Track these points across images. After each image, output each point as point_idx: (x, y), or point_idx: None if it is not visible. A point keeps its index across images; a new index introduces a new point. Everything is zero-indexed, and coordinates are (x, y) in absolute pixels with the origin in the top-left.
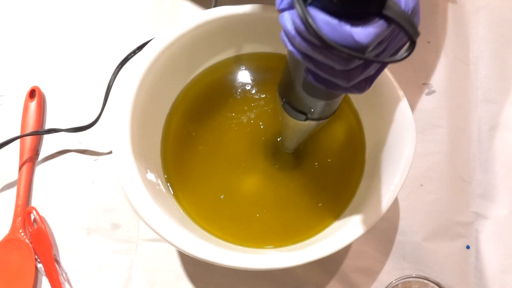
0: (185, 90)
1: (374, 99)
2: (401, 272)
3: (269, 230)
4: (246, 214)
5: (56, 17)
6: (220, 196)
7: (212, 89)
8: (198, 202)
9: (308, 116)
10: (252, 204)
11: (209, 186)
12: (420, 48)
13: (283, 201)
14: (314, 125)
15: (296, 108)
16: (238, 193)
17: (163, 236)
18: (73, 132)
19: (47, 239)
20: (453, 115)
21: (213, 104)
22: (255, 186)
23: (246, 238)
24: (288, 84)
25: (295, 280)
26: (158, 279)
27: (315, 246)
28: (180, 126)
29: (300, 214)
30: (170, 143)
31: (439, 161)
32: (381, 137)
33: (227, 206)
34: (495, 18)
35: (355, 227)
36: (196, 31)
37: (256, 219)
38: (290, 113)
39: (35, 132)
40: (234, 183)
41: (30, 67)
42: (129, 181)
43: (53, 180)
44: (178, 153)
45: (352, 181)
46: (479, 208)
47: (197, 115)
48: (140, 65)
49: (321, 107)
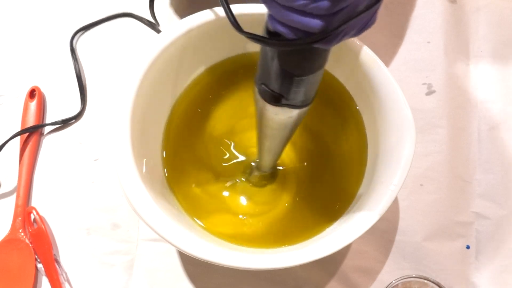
0: (186, 90)
1: (374, 99)
2: (401, 272)
3: (269, 230)
4: (247, 214)
5: (56, 17)
6: (220, 196)
7: (213, 89)
8: (198, 202)
9: (285, 100)
10: (252, 204)
11: (209, 186)
12: (420, 48)
13: (284, 201)
14: (293, 117)
15: (274, 91)
16: (238, 193)
17: (163, 236)
18: (60, 124)
19: (47, 239)
20: (453, 115)
21: (215, 104)
22: (255, 187)
23: (246, 238)
24: (264, 61)
25: (295, 280)
26: (158, 279)
27: (315, 246)
28: (180, 126)
29: (300, 214)
30: (170, 143)
31: (439, 161)
32: (381, 137)
33: (227, 206)
34: (495, 18)
35: (355, 227)
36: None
37: (256, 220)
38: (266, 97)
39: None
40: (235, 183)
41: (30, 67)
42: (129, 181)
43: (53, 180)
44: (178, 153)
45: (352, 181)
46: (479, 208)
47: (198, 115)
48: (141, 65)
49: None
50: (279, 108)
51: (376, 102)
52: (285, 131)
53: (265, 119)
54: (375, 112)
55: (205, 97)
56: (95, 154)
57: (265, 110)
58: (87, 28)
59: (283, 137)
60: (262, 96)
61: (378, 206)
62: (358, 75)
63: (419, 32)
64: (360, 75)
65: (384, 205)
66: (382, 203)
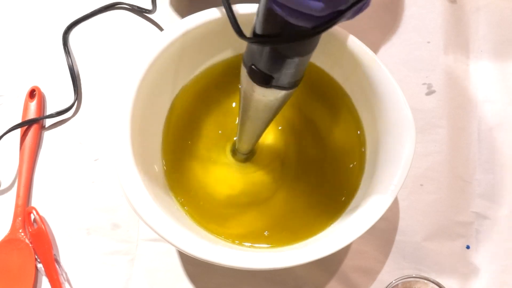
0: (185, 89)
1: (374, 99)
2: (401, 272)
3: (269, 230)
4: (246, 214)
5: (56, 17)
6: (220, 196)
7: (213, 89)
8: (198, 202)
9: (275, 81)
10: (252, 204)
11: (209, 186)
12: (420, 48)
13: (283, 201)
14: (279, 98)
15: (263, 72)
16: (238, 193)
17: (163, 236)
18: (55, 117)
19: (47, 239)
20: (453, 115)
21: (214, 104)
22: (255, 187)
23: (246, 238)
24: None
25: (295, 280)
26: (158, 279)
27: (315, 246)
28: (180, 125)
29: (300, 214)
30: (170, 143)
31: (439, 161)
32: (381, 137)
33: (227, 206)
34: (495, 18)
35: (355, 227)
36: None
37: (256, 220)
38: (255, 78)
39: (18, 125)
40: (234, 183)
41: (30, 67)
42: (129, 181)
43: (53, 180)
44: (178, 153)
45: (352, 181)
46: (479, 208)
47: (197, 114)
48: (141, 65)
49: (290, 66)
50: (267, 89)
51: (376, 102)
52: (269, 113)
53: (251, 100)
54: (375, 112)
55: (204, 97)
56: (95, 154)
57: (252, 91)
58: (78, 22)
59: (266, 119)
60: (251, 77)
61: (378, 206)
62: (358, 75)
63: (419, 32)
64: (360, 75)
65: (384, 205)
66: (382, 203)
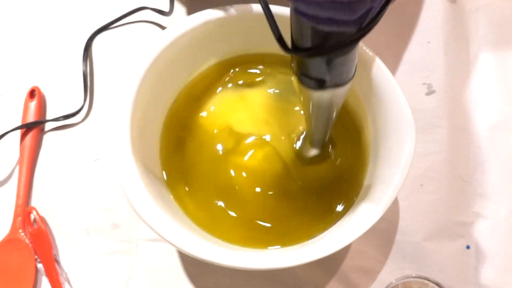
0: (185, 89)
1: (373, 99)
2: (401, 272)
3: (269, 230)
4: (246, 214)
5: (56, 17)
6: (220, 196)
7: (213, 89)
8: (198, 202)
9: (328, 83)
10: (252, 204)
11: (209, 186)
12: (420, 48)
13: (283, 201)
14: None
15: (314, 77)
16: (238, 194)
17: (163, 236)
18: (62, 120)
19: (47, 239)
20: (453, 115)
21: (213, 103)
22: (255, 187)
23: (246, 238)
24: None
25: (295, 280)
26: (158, 279)
27: (315, 246)
28: (180, 125)
29: (300, 215)
30: (170, 143)
31: (439, 161)
32: (381, 137)
33: (227, 206)
34: (495, 18)
35: (355, 227)
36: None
37: (256, 220)
38: (308, 85)
39: (21, 126)
40: (234, 183)
41: (30, 67)
42: (129, 181)
43: (53, 180)
44: (178, 153)
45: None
46: (479, 208)
47: (197, 114)
48: (141, 65)
49: (336, 67)
50: (324, 91)
51: (376, 102)
52: (334, 107)
53: (312, 103)
54: (375, 112)
55: (204, 97)
56: (95, 154)
57: (310, 97)
58: (103, 29)
59: (332, 112)
60: (304, 84)
61: (378, 206)
62: (358, 75)
63: (419, 32)
64: (359, 75)
65: (384, 205)
66: (382, 203)
